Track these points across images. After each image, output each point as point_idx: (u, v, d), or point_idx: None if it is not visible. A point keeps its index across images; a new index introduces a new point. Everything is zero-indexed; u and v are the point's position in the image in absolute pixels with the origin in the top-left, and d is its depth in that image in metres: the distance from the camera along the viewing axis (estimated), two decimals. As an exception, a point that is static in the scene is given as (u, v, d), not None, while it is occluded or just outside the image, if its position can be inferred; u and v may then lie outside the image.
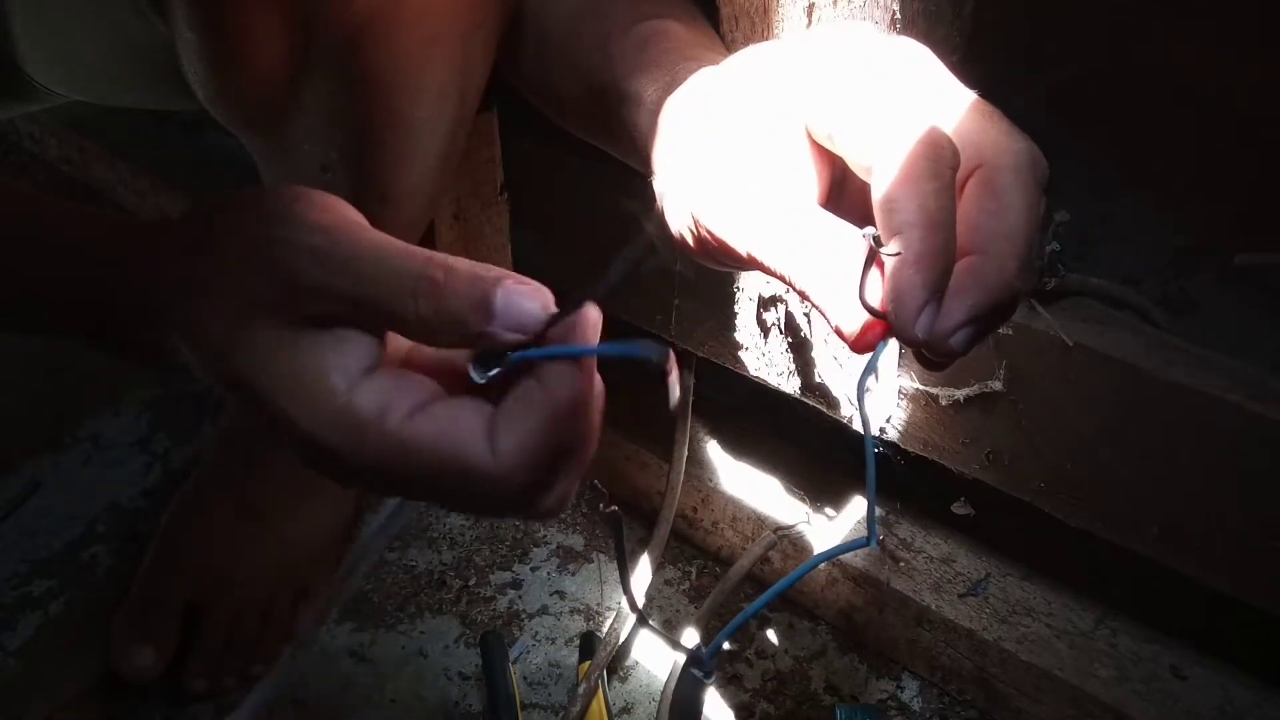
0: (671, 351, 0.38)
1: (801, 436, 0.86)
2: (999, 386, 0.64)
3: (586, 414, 0.41)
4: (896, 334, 0.40)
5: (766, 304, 0.71)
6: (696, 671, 0.50)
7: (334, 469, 0.42)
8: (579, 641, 0.81)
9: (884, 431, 0.71)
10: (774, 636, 0.82)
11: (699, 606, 0.82)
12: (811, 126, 0.44)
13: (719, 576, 0.83)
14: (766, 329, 0.72)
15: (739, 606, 0.81)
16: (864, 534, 0.46)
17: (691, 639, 0.79)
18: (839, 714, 0.75)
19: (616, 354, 0.38)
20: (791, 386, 0.73)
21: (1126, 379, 0.60)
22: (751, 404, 0.87)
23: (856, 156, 0.42)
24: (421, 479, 0.41)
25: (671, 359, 0.38)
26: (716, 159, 0.45)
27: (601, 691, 0.76)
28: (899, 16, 0.55)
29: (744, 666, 0.80)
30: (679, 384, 0.39)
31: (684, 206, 0.47)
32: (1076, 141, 0.78)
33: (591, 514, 0.91)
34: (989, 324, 0.41)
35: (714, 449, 0.87)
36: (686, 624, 0.82)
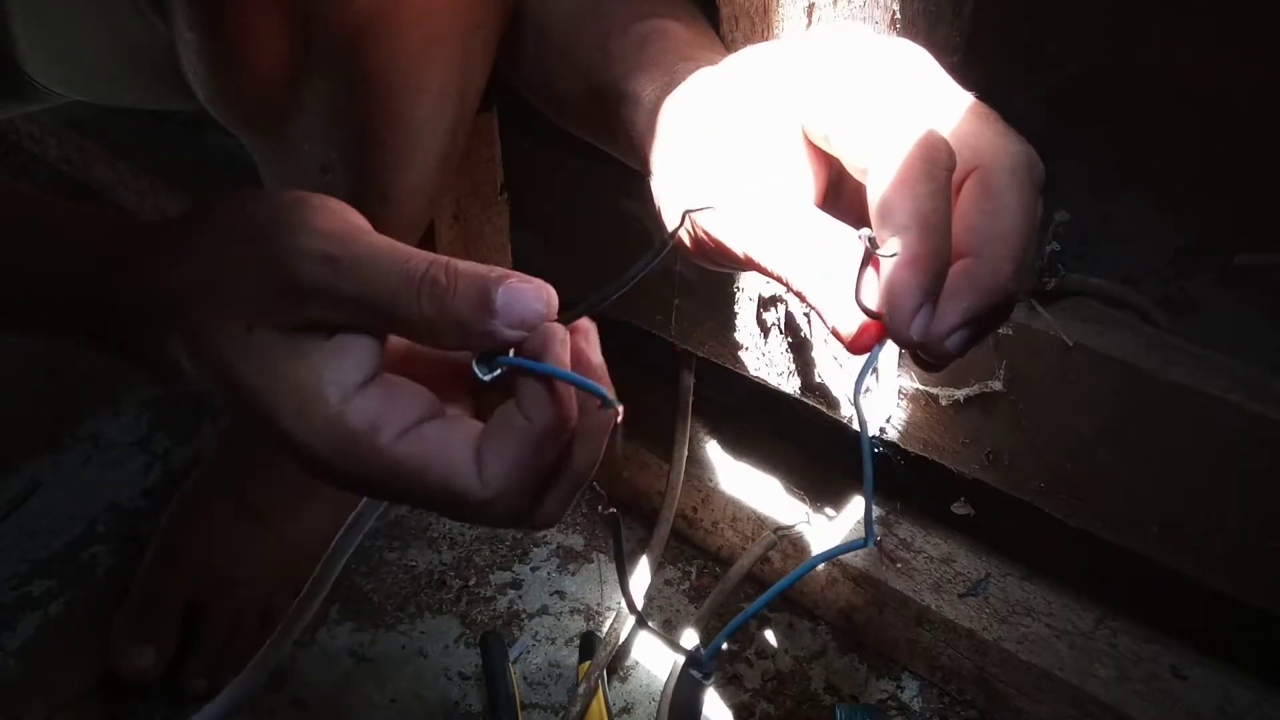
0: (622, 409, 0.42)
1: (801, 436, 0.86)
2: (999, 386, 0.64)
3: (571, 436, 0.42)
4: (892, 336, 0.40)
5: (766, 304, 0.71)
6: (695, 672, 0.50)
7: (328, 478, 0.43)
8: (579, 641, 0.81)
9: (884, 431, 0.71)
10: (774, 636, 0.82)
11: (699, 607, 0.82)
12: (808, 128, 0.44)
13: (719, 576, 0.83)
14: (766, 329, 0.72)
15: (739, 607, 0.81)
16: (863, 534, 0.46)
17: (691, 639, 0.79)
18: (839, 714, 0.75)
19: (582, 384, 0.41)
20: (791, 386, 0.73)
21: (1126, 379, 0.60)
22: (751, 404, 0.87)
23: (853, 158, 0.42)
24: (413, 495, 0.42)
25: (620, 415, 0.42)
26: (714, 159, 0.45)
27: (601, 691, 0.76)
28: (899, 17, 0.55)
29: (744, 666, 0.80)
30: (619, 437, 0.44)
31: (680, 207, 0.47)
32: (1076, 141, 0.78)
33: (591, 514, 0.91)
34: (985, 326, 0.41)
35: (714, 449, 0.87)
36: (686, 624, 0.82)
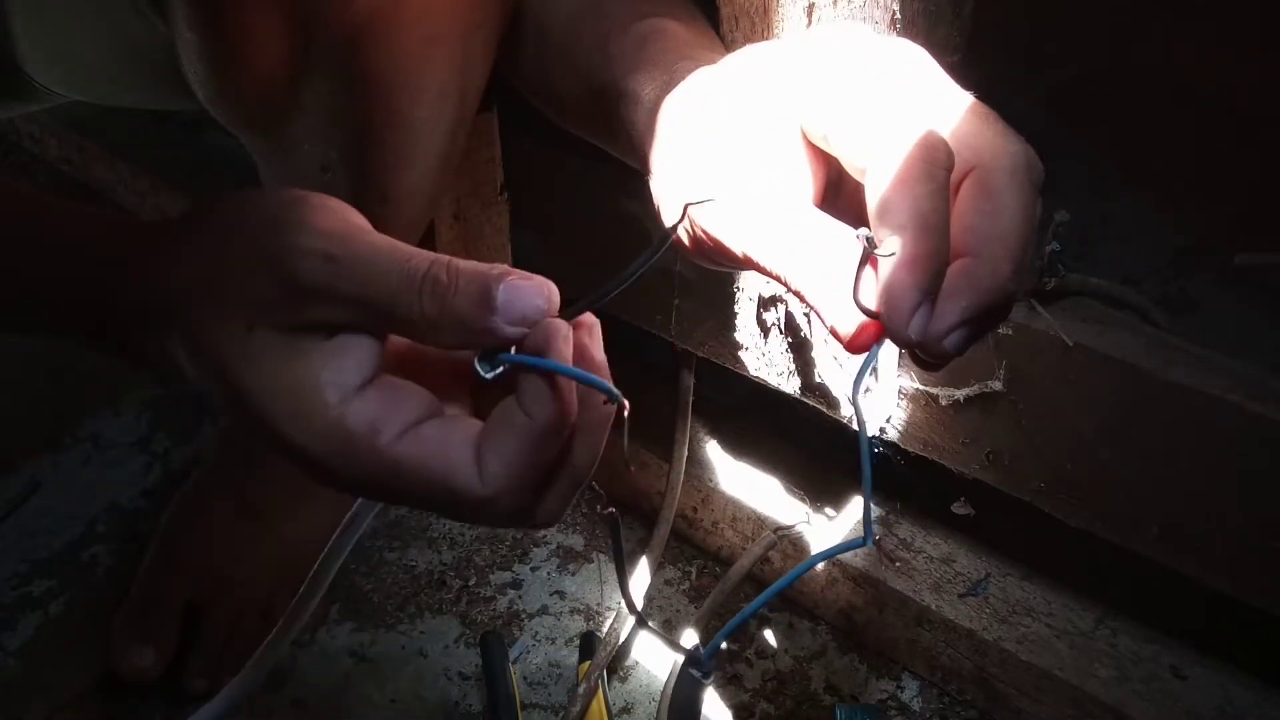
0: (628, 404, 0.42)
1: (801, 436, 0.86)
2: (999, 386, 0.64)
3: (571, 432, 0.42)
4: (890, 335, 0.40)
5: (766, 304, 0.71)
6: (695, 672, 0.50)
7: (327, 480, 0.43)
8: (579, 641, 0.81)
9: (884, 431, 0.71)
10: (774, 636, 0.82)
11: (699, 607, 0.82)
12: (807, 127, 0.44)
13: (719, 576, 0.83)
14: (766, 329, 0.72)
15: (739, 607, 0.81)
16: (862, 534, 0.46)
17: (691, 639, 0.79)
18: (839, 714, 0.75)
19: (586, 379, 0.41)
20: (791, 386, 0.73)
21: (1126, 379, 0.60)
22: (751, 404, 0.87)
23: (851, 158, 0.42)
24: (413, 495, 0.42)
25: (626, 409, 0.42)
26: (713, 159, 0.45)
27: (601, 691, 0.76)
28: (899, 17, 0.55)
29: (744, 666, 0.80)
30: (625, 434, 0.43)
31: (679, 206, 0.47)
32: (1076, 141, 0.78)
33: (591, 514, 0.91)
34: (983, 326, 0.41)
35: (714, 449, 0.87)
36: (686, 624, 0.82)
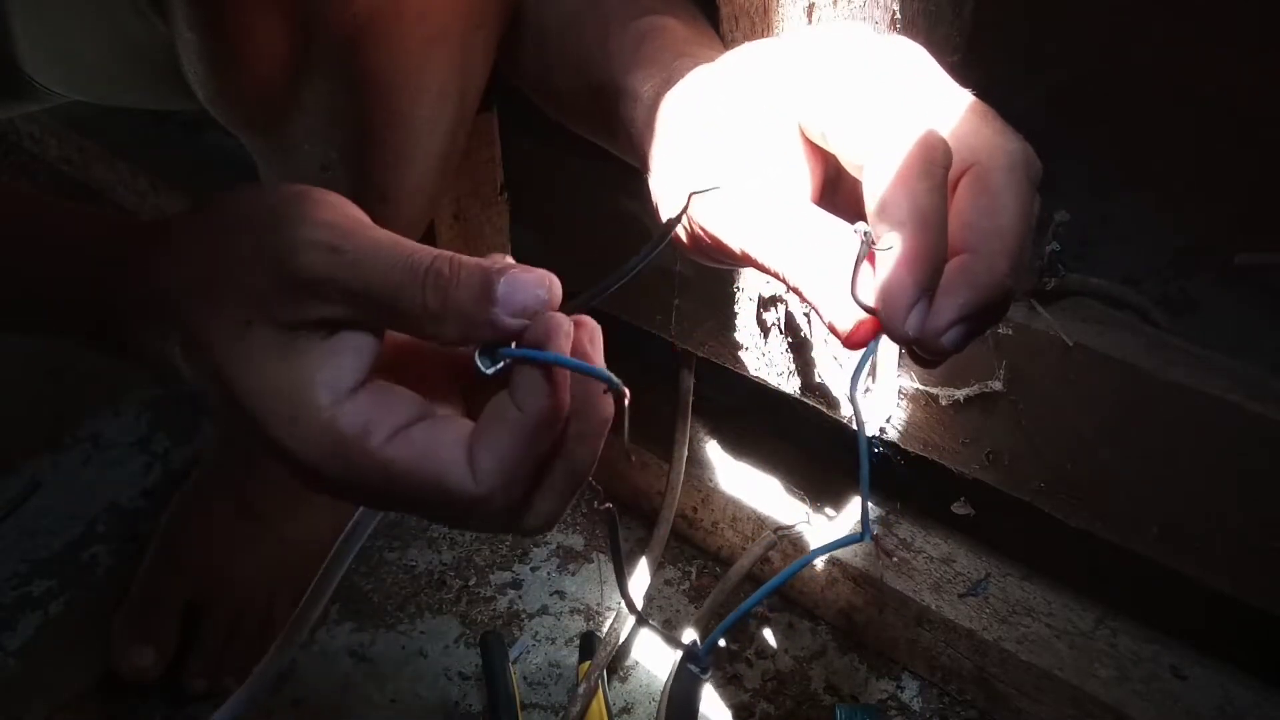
0: (629, 393, 0.41)
1: (801, 436, 0.86)
2: (999, 386, 0.64)
3: (565, 425, 0.41)
4: (887, 331, 0.40)
5: (766, 304, 0.71)
6: (693, 667, 0.50)
7: (320, 485, 0.42)
8: (579, 641, 0.81)
9: (884, 431, 0.71)
10: (774, 636, 0.82)
11: (699, 607, 0.82)
12: (805, 125, 0.44)
13: (719, 576, 0.83)
14: (766, 329, 0.72)
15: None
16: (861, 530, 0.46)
17: (690, 637, 0.79)
18: (839, 714, 0.75)
19: (586, 370, 0.40)
20: (791, 386, 0.73)
21: (1126, 379, 0.60)
22: (751, 404, 0.87)
23: (849, 155, 0.42)
24: (406, 499, 0.42)
25: (627, 397, 0.41)
26: (711, 156, 0.45)
27: (601, 691, 0.76)
28: (899, 16, 0.55)
29: (744, 666, 0.80)
30: (626, 424, 0.43)
31: (678, 203, 0.47)
32: (1076, 141, 0.78)
33: (591, 514, 0.91)
34: (981, 323, 0.41)
35: (714, 449, 0.87)
36: (686, 624, 0.82)
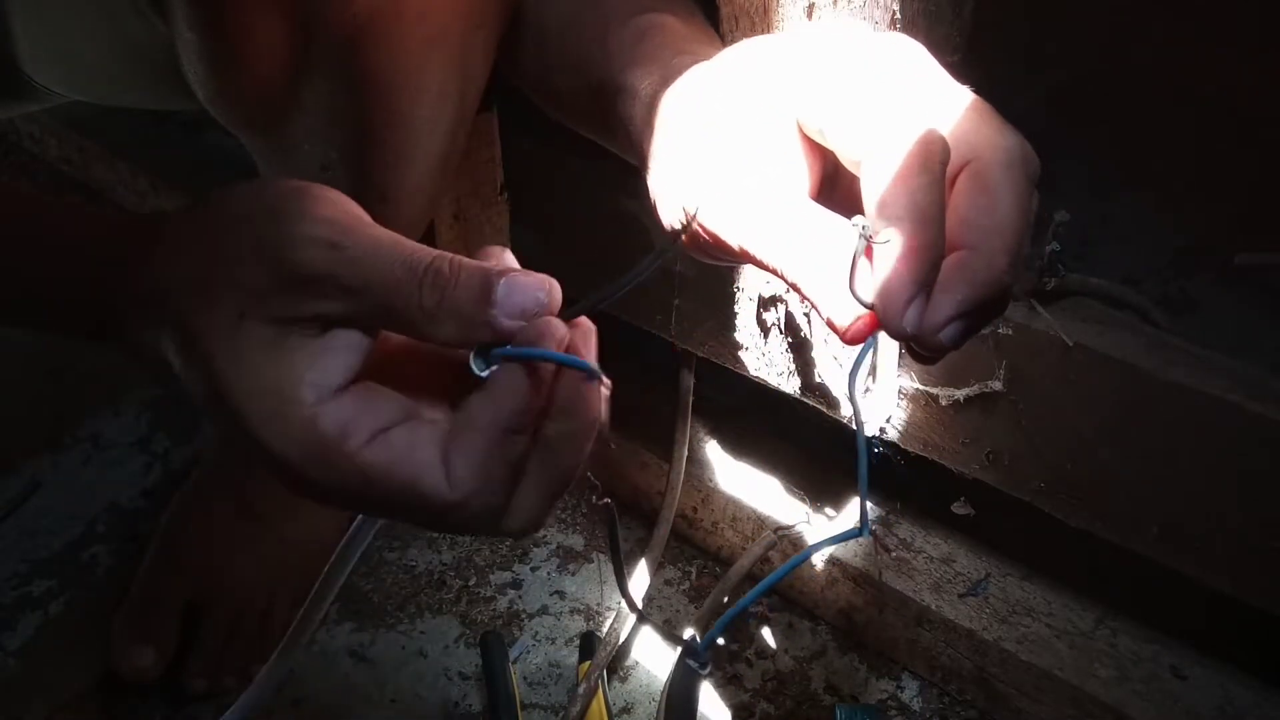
0: (609, 383, 0.41)
1: (801, 436, 0.86)
2: (999, 386, 0.64)
3: (541, 419, 0.41)
4: (885, 327, 0.40)
5: (766, 304, 0.71)
6: (692, 663, 0.50)
7: (304, 488, 0.42)
8: (579, 641, 0.81)
9: (884, 431, 0.71)
10: (774, 636, 0.82)
11: (699, 606, 0.82)
12: (803, 121, 0.44)
13: (719, 576, 0.83)
14: (766, 329, 0.72)
15: (739, 607, 0.81)
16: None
17: (689, 635, 0.79)
18: (839, 714, 0.75)
19: (571, 363, 0.40)
20: (791, 386, 0.73)
21: (1126, 379, 0.60)
22: (751, 404, 0.87)
23: (847, 151, 0.42)
24: (385, 503, 0.42)
25: (607, 386, 0.41)
26: (709, 153, 0.45)
27: (601, 691, 0.76)
28: (899, 16, 0.55)
29: (744, 666, 0.80)
30: (606, 412, 0.42)
31: (676, 200, 0.47)
32: (1076, 141, 0.78)
33: (591, 514, 0.91)
34: (979, 319, 0.41)
35: (714, 449, 0.87)
36: (686, 624, 0.82)
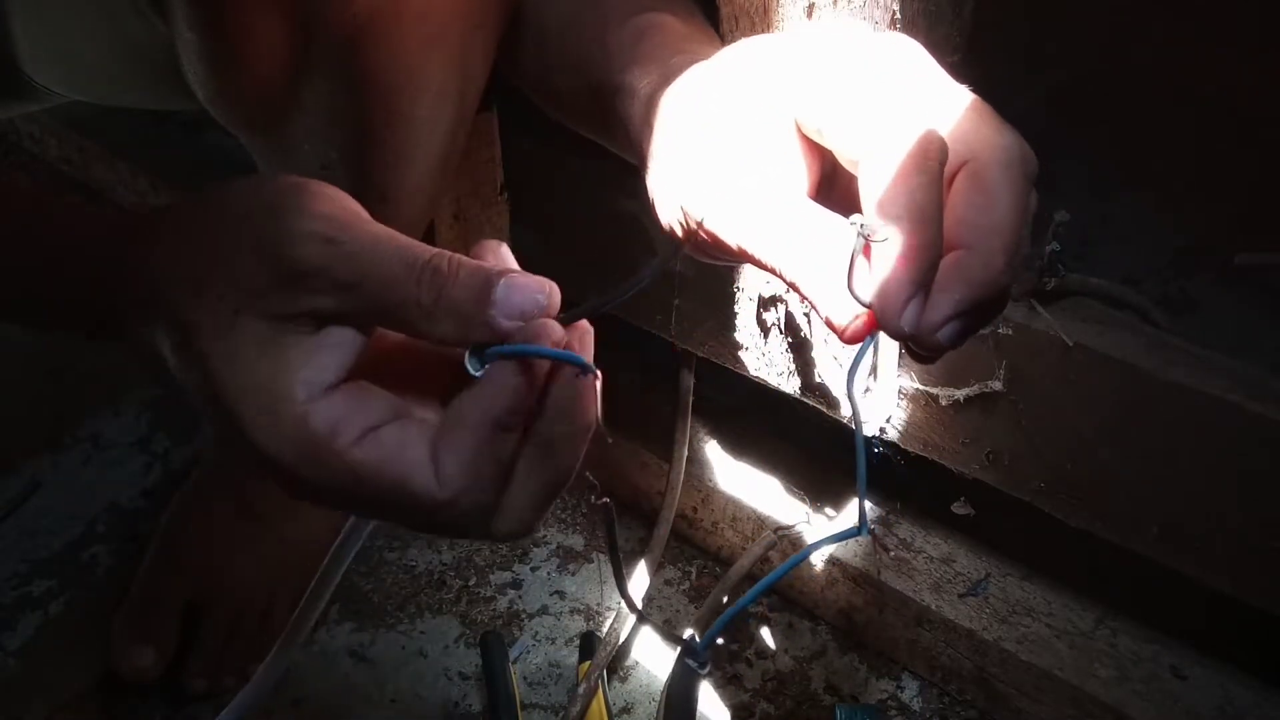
0: (600, 375, 0.41)
1: (801, 436, 0.86)
2: (999, 386, 0.64)
3: (530, 417, 0.41)
4: (883, 326, 0.40)
5: (766, 304, 0.71)
6: (691, 662, 0.50)
7: (296, 487, 0.42)
8: (579, 641, 0.81)
9: (884, 431, 0.71)
10: (774, 636, 0.82)
11: (699, 607, 0.82)
12: (801, 121, 0.44)
13: (719, 576, 0.83)
14: (766, 329, 0.72)
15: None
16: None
17: (688, 635, 0.79)
18: (839, 714, 0.75)
19: (560, 356, 0.40)
20: (791, 386, 0.73)
21: (1126, 379, 0.60)
22: (751, 404, 0.87)
23: (845, 151, 0.42)
24: (375, 503, 0.41)
25: (598, 378, 0.41)
26: (707, 153, 0.45)
27: (601, 691, 0.76)
28: (899, 16, 0.55)
29: (744, 666, 0.80)
30: (600, 405, 0.41)
31: (674, 200, 0.47)
32: (1076, 141, 0.78)
33: (591, 514, 0.91)
34: (977, 319, 0.40)
35: (714, 449, 0.87)
36: (686, 624, 0.82)
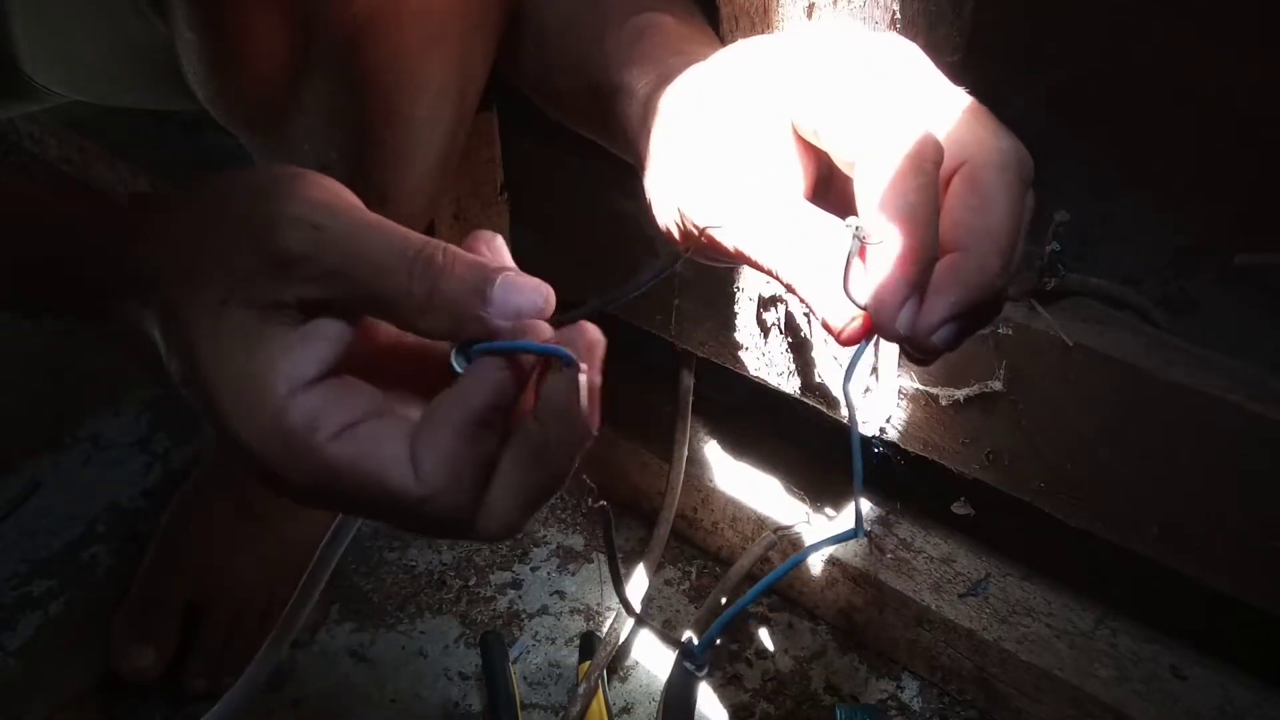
0: (585, 368, 0.39)
1: (801, 436, 0.86)
2: (999, 386, 0.64)
3: (512, 417, 0.40)
4: (878, 329, 0.40)
5: (766, 304, 0.71)
6: (688, 665, 0.50)
7: (276, 484, 0.41)
8: (579, 641, 0.81)
9: (884, 431, 0.71)
10: (774, 637, 0.82)
11: (699, 607, 0.82)
12: (798, 122, 0.44)
13: (719, 576, 0.83)
14: (766, 329, 0.72)
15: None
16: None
17: (687, 637, 0.79)
18: (839, 714, 0.75)
19: (545, 350, 0.39)
20: (791, 386, 0.73)
21: (1126, 379, 0.60)
22: (751, 404, 0.87)
23: (841, 153, 0.42)
24: (355, 500, 0.41)
25: (581, 372, 0.39)
26: (704, 154, 0.45)
27: (601, 691, 0.76)
28: (899, 16, 0.55)
29: (744, 666, 0.80)
30: (585, 396, 0.40)
31: (671, 201, 0.47)
32: (1076, 141, 0.78)
33: (591, 514, 0.91)
34: (972, 322, 0.40)
35: (714, 449, 0.87)
36: (686, 624, 0.82)
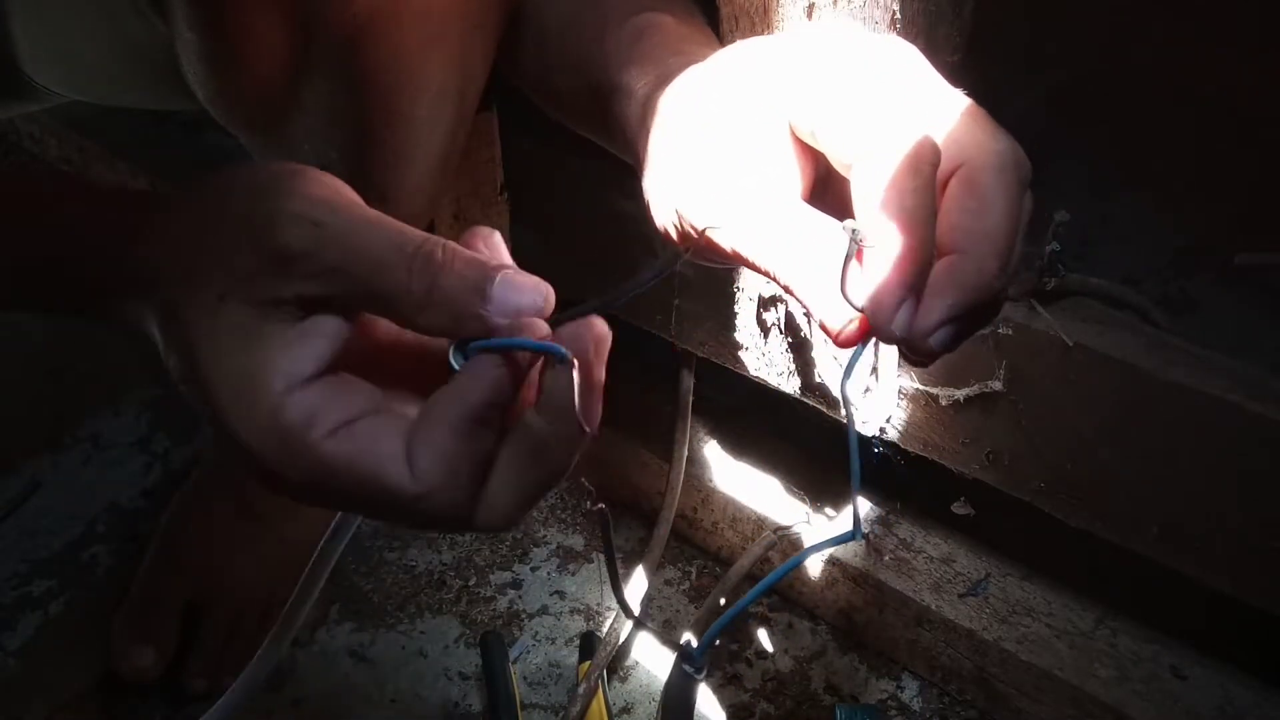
0: (576, 362, 0.39)
1: (801, 436, 0.86)
2: (999, 386, 0.64)
3: (510, 415, 0.40)
4: (875, 331, 0.40)
5: (766, 304, 0.71)
6: (687, 667, 0.50)
7: (273, 481, 0.41)
8: (579, 641, 0.81)
9: (884, 431, 0.71)
10: (774, 637, 0.82)
11: (699, 607, 0.82)
12: (795, 123, 0.44)
13: (719, 576, 0.83)
14: (766, 329, 0.72)
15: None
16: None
17: (686, 638, 0.79)
18: (839, 714, 0.75)
19: (538, 347, 0.39)
20: (791, 386, 0.73)
21: (1126, 379, 0.60)
22: (751, 404, 0.87)
23: (838, 154, 0.42)
24: (352, 497, 0.41)
25: (574, 367, 0.39)
26: (702, 155, 0.45)
27: (601, 691, 0.76)
28: (899, 16, 0.55)
29: (744, 667, 0.80)
30: (577, 394, 0.39)
31: (669, 201, 0.47)
32: (1076, 141, 0.78)
33: (590, 514, 0.91)
34: (969, 324, 0.40)
35: (714, 449, 0.87)
36: (686, 624, 0.82)
